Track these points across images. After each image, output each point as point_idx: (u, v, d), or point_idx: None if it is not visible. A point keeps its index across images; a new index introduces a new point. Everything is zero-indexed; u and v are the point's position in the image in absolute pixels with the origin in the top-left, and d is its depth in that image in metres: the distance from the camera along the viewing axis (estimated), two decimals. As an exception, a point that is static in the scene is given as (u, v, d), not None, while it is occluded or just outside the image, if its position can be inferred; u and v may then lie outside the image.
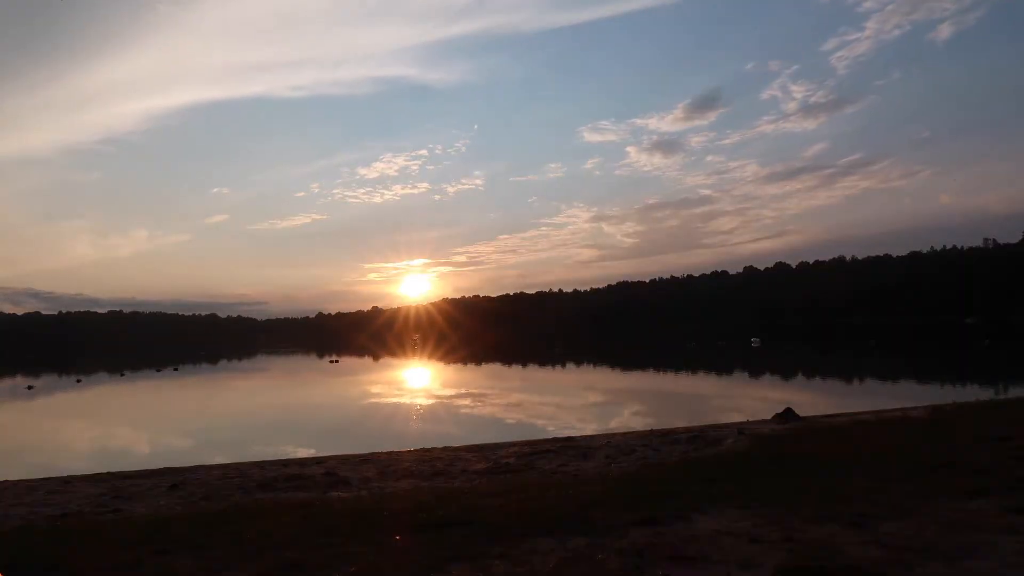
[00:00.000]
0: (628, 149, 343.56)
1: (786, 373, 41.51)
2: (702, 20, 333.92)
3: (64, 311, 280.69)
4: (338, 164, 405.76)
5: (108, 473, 14.74)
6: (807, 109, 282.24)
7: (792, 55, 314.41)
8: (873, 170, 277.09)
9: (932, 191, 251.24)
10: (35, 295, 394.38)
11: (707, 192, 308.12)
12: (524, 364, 67.09)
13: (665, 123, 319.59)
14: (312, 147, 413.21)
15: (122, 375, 67.23)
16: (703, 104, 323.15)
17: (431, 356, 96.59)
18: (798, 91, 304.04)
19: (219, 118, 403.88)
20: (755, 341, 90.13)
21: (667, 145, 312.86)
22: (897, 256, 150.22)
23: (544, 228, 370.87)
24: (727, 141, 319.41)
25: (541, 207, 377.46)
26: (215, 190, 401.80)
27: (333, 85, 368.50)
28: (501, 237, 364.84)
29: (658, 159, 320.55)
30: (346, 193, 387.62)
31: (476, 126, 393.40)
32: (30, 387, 54.44)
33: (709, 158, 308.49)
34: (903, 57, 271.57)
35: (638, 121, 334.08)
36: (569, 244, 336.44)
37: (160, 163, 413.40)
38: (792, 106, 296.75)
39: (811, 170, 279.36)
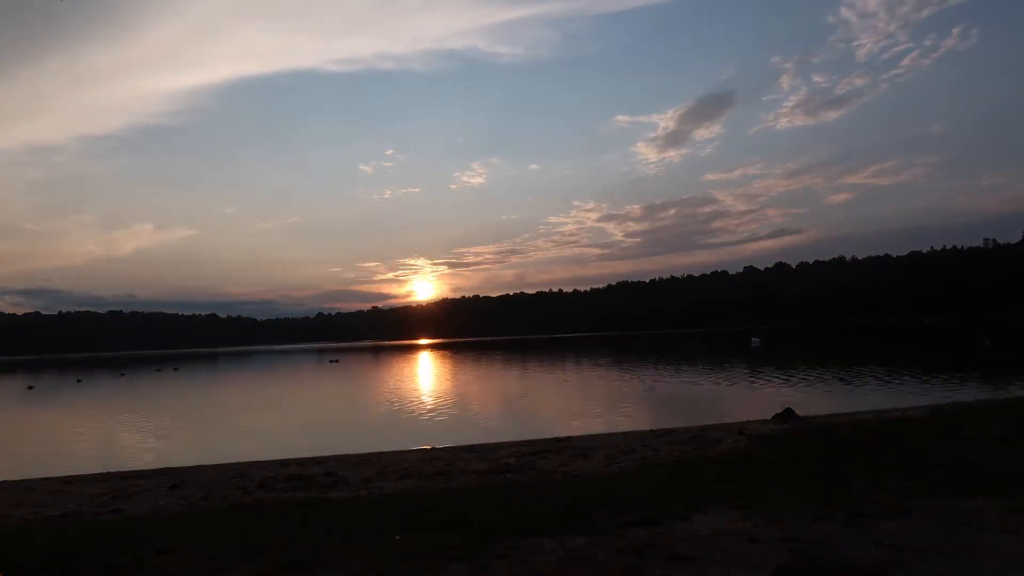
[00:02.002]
0: (637, 147, 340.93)
1: (786, 373, 41.50)
2: (721, 10, 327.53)
3: (65, 310, 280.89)
4: (345, 158, 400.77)
5: (108, 473, 14.75)
6: (816, 107, 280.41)
7: (806, 48, 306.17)
8: (877, 170, 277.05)
9: (934, 190, 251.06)
10: (36, 292, 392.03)
11: (711, 192, 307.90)
12: (524, 363, 67.06)
13: (674, 120, 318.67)
14: (331, 135, 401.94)
15: (122, 375, 67.23)
16: (714, 102, 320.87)
17: (431, 356, 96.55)
18: (816, 83, 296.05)
19: (253, 96, 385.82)
20: (755, 341, 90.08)
21: (675, 143, 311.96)
22: (897, 256, 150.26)
23: (545, 227, 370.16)
24: (733, 140, 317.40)
25: (543, 206, 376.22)
26: (224, 182, 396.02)
27: (389, 59, 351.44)
28: (503, 236, 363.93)
29: (665, 157, 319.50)
30: (346, 190, 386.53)
31: (488, 119, 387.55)
32: (30, 387, 54.45)
33: (715, 157, 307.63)
34: (913, 56, 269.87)
35: (653, 117, 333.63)
36: (571, 244, 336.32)
37: (180, 150, 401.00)
38: (800, 104, 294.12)
39: (814, 169, 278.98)
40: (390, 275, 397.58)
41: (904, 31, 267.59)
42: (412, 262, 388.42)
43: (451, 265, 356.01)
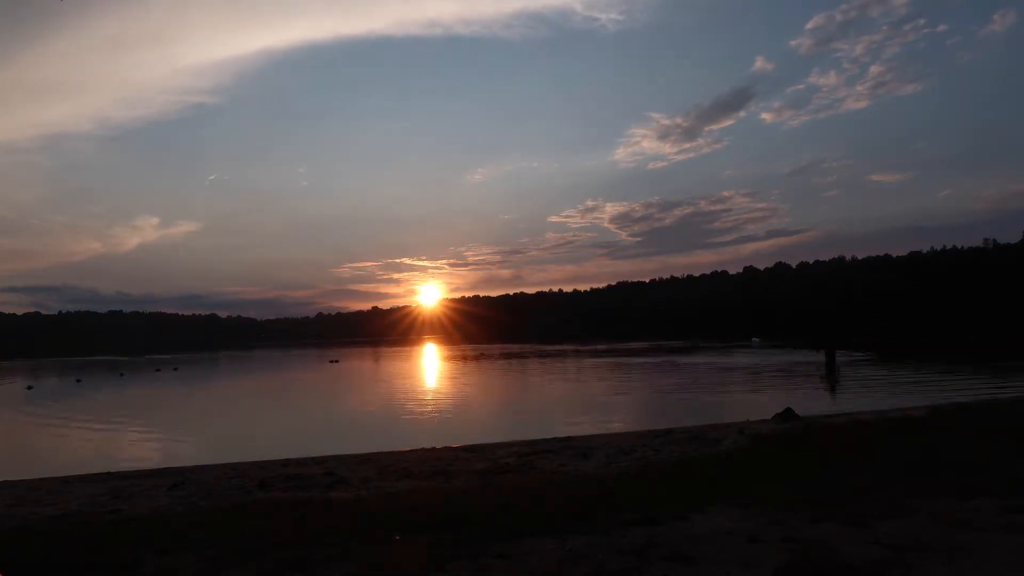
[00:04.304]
0: (643, 144, 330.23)
1: (786, 373, 41.51)
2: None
3: (64, 310, 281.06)
4: (351, 151, 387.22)
5: (108, 473, 14.73)
6: (825, 105, 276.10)
7: (827, 42, 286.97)
8: (879, 169, 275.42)
9: (934, 189, 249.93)
10: (36, 291, 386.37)
11: (712, 191, 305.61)
12: (523, 363, 67.06)
13: (684, 118, 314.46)
14: (342, 125, 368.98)
15: (121, 375, 67.19)
16: (727, 98, 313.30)
17: (431, 356, 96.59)
18: (830, 81, 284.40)
19: (280, 76, 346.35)
20: (755, 341, 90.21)
21: (680, 141, 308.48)
22: (897, 256, 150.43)
23: (546, 226, 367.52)
24: (739, 138, 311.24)
25: (545, 204, 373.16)
26: (230, 174, 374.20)
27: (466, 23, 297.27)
28: (503, 235, 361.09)
29: (669, 154, 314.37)
30: (347, 187, 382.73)
31: (495, 114, 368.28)
32: (29, 387, 54.41)
33: (719, 155, 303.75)
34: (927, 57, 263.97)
35: (663, 113, 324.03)
36: (572, 243, 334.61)
37: (192, 138, 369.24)
38: (809, 102, 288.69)
39: (816, 168, 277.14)
40: (390, 275, 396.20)
41: (925, 29, 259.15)
42: (412, 262, 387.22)
43: (451, 265, 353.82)
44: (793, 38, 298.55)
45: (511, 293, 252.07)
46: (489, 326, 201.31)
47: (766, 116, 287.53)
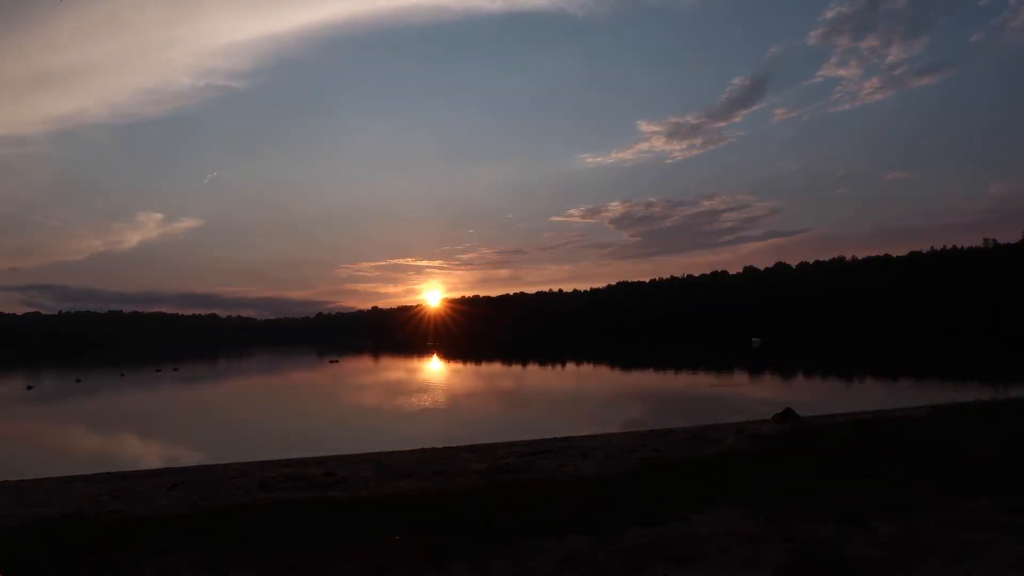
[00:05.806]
0: (649, 143, 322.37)
1: (786, 373, 41.52)
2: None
3: (64, 309, 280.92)
4: (357, 148, 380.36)
5: (108, 473, 14.75)
6: (831, 103, 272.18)
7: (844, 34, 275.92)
8: (880, 169, 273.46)
9: (934, 189, 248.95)
10: (37, 290, 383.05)
11: (712, 190, 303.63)
12: (524, 364, 67.07)
13: (691, 116, 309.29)
14: (357, 118, 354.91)
15: (121, 375, 67.19)
16: (731, 101, 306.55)
17: (431, 356, 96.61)
18: (841, 77, 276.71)
19: (306, 58, 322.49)
20: (756, 341, 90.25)
21: (682, 140, 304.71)
22: (897, 256, 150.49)
23: (546, 226, 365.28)
24: (741, 139, 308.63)
25: (546, 204, 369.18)
26: (233, 169, 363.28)
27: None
28: (503, 235, 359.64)
29: (671, 152, 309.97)
30: (348, 186, 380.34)
31: (501, 114, 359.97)
32: (30, 387, 54.40)
33: (721, 155, 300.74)
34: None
35: (670, 112, 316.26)
36: (572, 243, 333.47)
37: (200, 130, 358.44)
38: (816, 101, 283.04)
39: (816, 168, 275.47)
40: (390, 275, 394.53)
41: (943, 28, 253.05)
42: (412, 262, 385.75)
43: (451, 264, 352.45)
44: (810, 29, 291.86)
45: (511, 293, 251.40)
46: (488, 326, 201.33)
47: (778, 112, 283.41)
